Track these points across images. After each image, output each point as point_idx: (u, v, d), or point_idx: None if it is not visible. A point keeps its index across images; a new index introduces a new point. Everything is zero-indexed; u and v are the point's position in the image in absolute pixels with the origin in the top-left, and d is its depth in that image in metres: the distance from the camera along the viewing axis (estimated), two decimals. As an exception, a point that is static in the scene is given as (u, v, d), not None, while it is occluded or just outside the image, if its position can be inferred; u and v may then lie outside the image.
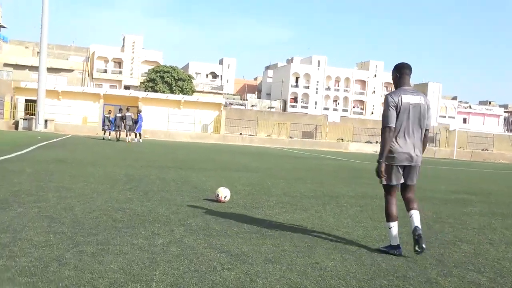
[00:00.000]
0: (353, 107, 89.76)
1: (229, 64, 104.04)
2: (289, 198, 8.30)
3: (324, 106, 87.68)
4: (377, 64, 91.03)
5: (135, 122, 29.65)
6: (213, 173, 11.93)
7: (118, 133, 29.39)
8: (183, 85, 66.17)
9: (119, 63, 78.93)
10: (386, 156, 4.74)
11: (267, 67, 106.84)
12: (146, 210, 6.20)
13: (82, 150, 17.51)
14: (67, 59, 78.61)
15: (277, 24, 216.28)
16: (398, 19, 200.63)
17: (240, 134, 51.06)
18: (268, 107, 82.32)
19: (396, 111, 4.74)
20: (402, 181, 4.85)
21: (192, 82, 69.38)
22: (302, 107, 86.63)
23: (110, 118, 30.88)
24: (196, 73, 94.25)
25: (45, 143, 20.41)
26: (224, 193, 7.36)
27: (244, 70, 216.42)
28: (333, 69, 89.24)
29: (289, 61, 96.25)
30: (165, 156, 17.77)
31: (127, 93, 49.55)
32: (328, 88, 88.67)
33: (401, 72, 4.93)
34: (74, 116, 43.44)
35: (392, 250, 4.78)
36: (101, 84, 73.00)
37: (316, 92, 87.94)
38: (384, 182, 4.85)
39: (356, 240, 5.33)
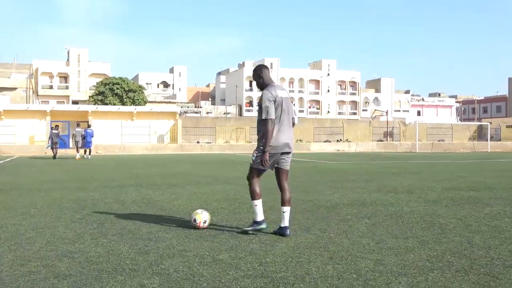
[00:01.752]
0: (309, 107, 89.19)
1: (180, 73, 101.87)
2: (279, 215, 6.77)
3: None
4: (329, 62, 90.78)
5: (83, 137, 27.64)
6: (180, 189, 10.30)
7: (55, 150, 27.55)
8: (134, 96, 63.70)
9: (65, 77, 75.60)
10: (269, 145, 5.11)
11: (219, 73, 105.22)
12: (103, 252, 4.57)
13: (26, 173, 15.49)
14: (9, 77, 74.74)
15: (226, 31, 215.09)
16: (346, 16, 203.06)
17: (198, 142, 49.28)
18: (224, 113, 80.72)
19: (275, 105, 5.13)
20: (273, 168, 5.45)
21: (143, 92, 66.96)
22: (257, 111, 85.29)
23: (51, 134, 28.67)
24: (147, 83, 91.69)
25: (-16, 168, 18.23)
26: (203, 217, 5.78)
27: (196, 78, 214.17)
28: (287, 70, 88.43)
29: (241, 65, 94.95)
30: (122, 172, 15.96)
31: (75, 107, 46.95)
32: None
33: (262, 72, 5.36)
34: (19, 136, 40.67)
35: (258, 225, 5.32)
36: (48, 101, 69.58)
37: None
38: (261, 167, 5.30)
39: (393, 271, 3.88)
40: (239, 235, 5.40)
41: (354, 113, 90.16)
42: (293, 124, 5.48)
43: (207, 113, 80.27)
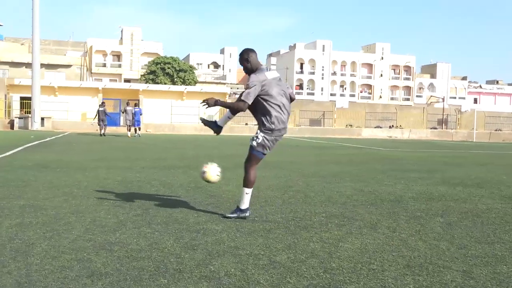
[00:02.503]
0: (361, 92, 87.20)
1: (230, 54, 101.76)
2: (339, 208, 6.13)
3: (330, 91, 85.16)
4: (383, 46, 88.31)
5: (134, 116, 28.25)
6: (230, 173, 9.75)
7: (103, 128, 28.24)
8: (184, 76, 63.90)
9: (118, 56, 76.64)
10: (269, 129, 5.09)
11: (270, 55, 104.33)
12: (145, 245, 4.05)
13: (74, 150, 15.37)
14: (65, 55, 76.36)
15: (277, 11, 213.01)
16: None
17: (246, 124, 48.80)
18: (273, 95, 79.95)
19: (264, 88, 4.97)
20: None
21: (194, 72, 67.07)
22: (308, 93, 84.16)
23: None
24: (198, 63, 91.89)
25: (35, 143, 18.29)
26: (211, 171, 5.44)
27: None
28: (339, 53, 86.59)
29: (292, 47, 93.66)
30: (170, 152, 15.62)
31: (127, 86, 47.37)
32: (334, 73, 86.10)
33: (250, 55, 5.16)
34: (72, 112, 41.35)
35: (243, 213, 5.18)
36: (101, 79, 70.78)
37: (322, 78, 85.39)
38: (260, 150, 5.22)
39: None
40: (296, 230, 4.78)
41: (408, 99, 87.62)
42: (292, 99, 5.37)
43: (257, 95, 79.69)
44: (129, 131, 28.35)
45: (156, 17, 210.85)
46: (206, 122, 5.56)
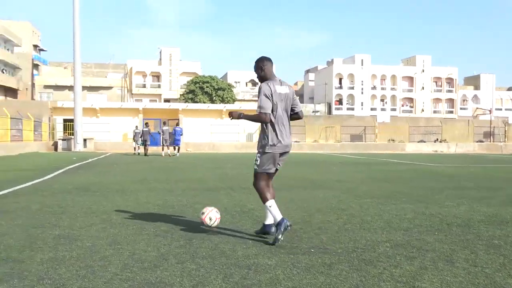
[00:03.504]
0: (402, 106, 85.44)
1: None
2: (403, 235, 5.46)
3: (371, 106, 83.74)
4: (424, 58, 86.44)
5: (176, 136, 28.59)
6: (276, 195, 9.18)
7: (145, 148, 28.94)
8: (223, 94, 64.02)
9: (157, 76, 77.61)
10: (269, 145, 5.02)
11: (307, 71, 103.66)
12: (190, 286, 3.52)
13: (114, 171, 15.12)
14: (106, 77, 77.90)
15: (313, 27, 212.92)
16: (441, 10, 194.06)
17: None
18: (312, 111, 79.17)
19: (272, 101, 4.92)
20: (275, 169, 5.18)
21: (232, 91, 67.14)
22: (348, 108, 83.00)
23: (136, 131, 30.40)
24: (236, 81, 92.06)
25: (77, 164, 18.20)
26: (211, 214, 5.42)
27: (283, 76, 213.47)
28: (378, 67, 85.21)
29: (329, 63, 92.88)
30: (212, 172, 15.17)
31: (166, 105, 47.64)
32: (374, 87, 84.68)
33: (265, 64, 5.08)
34: (113, 133, 41.77)
35: (281, 226, 4.83)
36: (141, 99, 71.71)
37: (362, 92, 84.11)
38: (266, 167, 5.10)
39: None
40: (361, 265, 4.16)
41: (451, 112, 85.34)
42: (299, 117, 5.37)
43: (296, 111, 79.08)
44: (163, 150, 28.66)
45: (193, 38, 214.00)
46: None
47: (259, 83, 5.17)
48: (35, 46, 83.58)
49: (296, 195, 9.07)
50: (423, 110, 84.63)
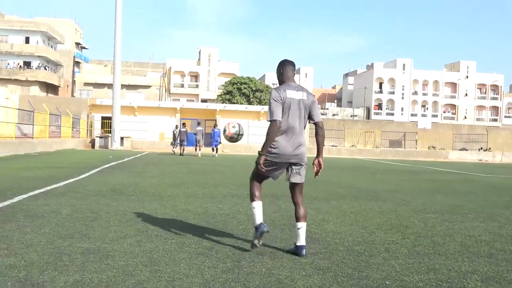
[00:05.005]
0: (444, 112, 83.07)
1: (306, 73, 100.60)
2: (488, 263, 4.60)
3: (411, 112, 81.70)
4: (468, 64, 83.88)
5: (212, 137, 28.66)
6: (324, 204, 8.39)
7: (182, 148, 28.70)
8: (261, 96, 63.33)
9: (195, 76, 77.60)
10: (271, 153, 4.64)
11: (346, 74, 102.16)
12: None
13: (151, 172, 14.55)
14: (145, 76, 78.35)
15: (353, 31, 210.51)
16: (487, 14, 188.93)
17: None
18: (351, 116, 77.76)
19: (282, 105, 4.62)
20: (279, 176, 4.86)
21: (270, 92, 66.38)
22: (387, 114, 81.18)
23: (174, 132, 30.22)
24: (273, 83, 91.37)
25: (113, 163, 17.77)
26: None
27: (322, 79, 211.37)
28: (420, 72, 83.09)
29: (369, 67, 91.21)
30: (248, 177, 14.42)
31: (204, 106, 47.23)
32: (415, 93, 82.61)
33: (284, 68, 4.84)
34: (150, 132, 41.57)
35: (258, 230, 4.64)
36: (178, 99, 71.74)
37: (402, 98, 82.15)
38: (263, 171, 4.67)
39: None
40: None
41: (495, 120, 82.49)
42: (319, 128, 4.88)
43: (333, 115, 77.93)
44: (195, 150, 28.51)
45: (232, 39, 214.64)
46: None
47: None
48: (77, 44, 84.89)
49: (348, 207, 8.23)
50: (465, 117, 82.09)
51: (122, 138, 37.07)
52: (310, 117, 4.83)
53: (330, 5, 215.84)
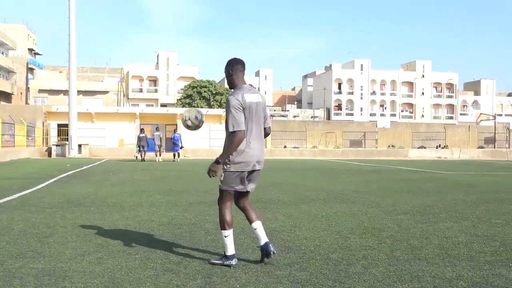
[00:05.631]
0: (402, 111, 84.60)
1: (266, 76, 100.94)
2: (472, 268, 4.41)
3: (370, 111, 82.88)
4: (424, 63, 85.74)
5: (174, 142, 28.54)
6: (294, 209, 8.12)
7: (143, 153, 28.33)
8: (221, 99, 62.94)
9: (154, 81, 76.56)
10: (235, 162, 4.31)
11: (305, 76, 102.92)
12: None
13: (111, 180, 13.99)
14: (102, 81, 76.79)
15: (311, 33, 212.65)
16: (441, 15, 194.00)
17: (285, 147, 47.22)
18: (311, 117, 78.24)
19: (244, 113, 4.29)
20: (245, 189, 4.44)
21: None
22: (347, 114, 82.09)
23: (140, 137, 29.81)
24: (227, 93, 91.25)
25: (70, 172, 17.08)
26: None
27: (281, 81, 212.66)
28: (378, 72, 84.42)
29: (328, 68, 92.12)
30: (215, 181, 14.06)
31: (164, 110, 46.51)
32: (373, 93, 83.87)
33: (234, 68, 4.47)
34: (109, 138, 40.57)
35: (227, 260, 4.33)
36: (137, 104, 70.53)
37: (361, 98, 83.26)
38: (232, 186, 4.38)
39: None
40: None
41: (451, 117, 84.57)
42: (266, 133, 4.59)
43: (294, 116, 78.23)
44: (156, 156, 28.39)
45: (190, 42, 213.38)
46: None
47: (230, 89, 4.50)
48: (30, 50, 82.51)
49: (318, 210, 7.99)
50: (423, 116, 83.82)
51: (80, 146, 35.99)
52: None
53: (288, 7, 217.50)
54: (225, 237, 4.38)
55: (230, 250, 4.36)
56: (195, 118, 5.07)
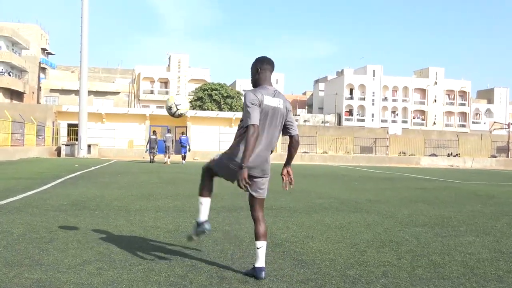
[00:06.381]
0: (413, 118, 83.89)
1: (277, 80, 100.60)
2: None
3: (381, 118, 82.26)
4: (437, 70, 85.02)
5: (182, 144, 28.74)
6: (306, 219, 7.78)
7: (152, 155, 28.51)
8: (232, 102, 62.73)
9: (165, 83, 76.54)
10: (235, 161, 4.10)
11: (317, 81, 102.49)
12: None
13: (118, 183, 13.73)
14: (113, 82, 76.88)
15: (323, 37, 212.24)
16: (455, 22, 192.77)
17: (304, 152, 46.85)
18: (322, 122, 77.79)
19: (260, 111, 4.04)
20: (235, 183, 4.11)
21: (241, 99, 65.84)
22: (358, 120, 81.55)
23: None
24: (244, 90, 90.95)
25: (78, 173, 16.86)
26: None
27: (292, 85, 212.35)
28: (390, 78, 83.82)
29: (339, 73, 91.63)
30: (225, 186, 13.72)
31: (174, 112, 46.29)
32: (385, 99, 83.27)
33: (262, 68, 4.24)
34: (119, 139, 40.46)
35: (200, 227, 4.42)
36: (148, 106, 70.50)
37: (373, 104, 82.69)
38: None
39: None
40: None
41: (463, 125, 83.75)
42: (296, 142, 4.35)
43: (305, 121, 77.82)
44: (165, 158, 28.40)
45: (202, 45, 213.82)
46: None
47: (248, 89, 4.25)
48: (43, 50, 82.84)
49: (332, 220, 7.64)
50: (434, 123, 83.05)
51: (89, 146, 35.90)
52: (285, 129, 4.32)
53: (300, 11, 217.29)
54: (200, 203, 4.47)
55: (203, 217, 4.43)
56: (168, 109, 5.24)
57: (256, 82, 4.26)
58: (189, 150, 29.32)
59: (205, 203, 4.45)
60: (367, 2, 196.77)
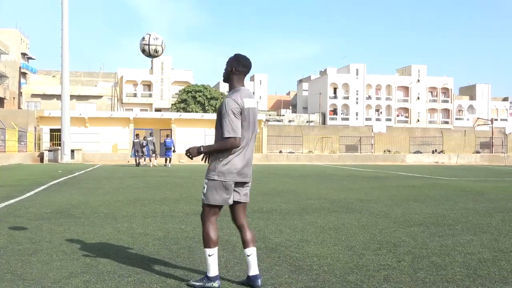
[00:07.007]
0: (397, 116, 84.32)
1: (260, 80, 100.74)
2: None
3: (366, 116, 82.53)
4: (419, 68, 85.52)
5: (167, 147, 28.80)
6: (297, 220, 7.59)
7: (138, 159, 28.52)
8: (216, 104, 62.42)
9: (148, 85, 75.92)
10: (221, 171, 3.86)
11: (300, 81, 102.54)
12: None
13: (104, 188, 13.41)
14: (96, 86, 76.07)
15: (306, 37, 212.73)
16: (436, 19, 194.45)
17: (280, 151, 46.77)
18: (307, 121, 77.81)
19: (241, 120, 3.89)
20: (231, 201, 3.94)
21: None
22: (342, 119, 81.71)
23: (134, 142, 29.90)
24: (227, 91, 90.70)
25: (62, 179, 16.48)
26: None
27: (276, 86, 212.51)
28: (373, 77, 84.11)
29: (322, 72, 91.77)
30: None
31: (158, 115, 45.93)
32: (369, 97, 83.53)
33: (239, 68, 4.00)
34: (103, 143, 39.91)
35: (209, 282, 3.89)
36: (131, 109, 69.83)
37: (357, 102, 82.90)
38: (207, 201, 3.95)
39: None
40: None
41: (446, 122, 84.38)
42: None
43: (289, 121, 77.76)
44: (150, 161, 28.55)
45: (186, 47, 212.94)
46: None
47: (224, 81, 4.17)
48: (23, 54, 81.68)
49: (325, 222, 7.46)
50: (418, 120, 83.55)
51: (72, 151, 35.35)
52: None
53: (283, 12, 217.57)
54: (209, 256, 3.92)
55: (213, 271, 3.91)
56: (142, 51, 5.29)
57: (229, 81, 4.08)
58: (174, 151, 29.25)
59: (215, 254, 3.94)
60: (349, 2, 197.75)
